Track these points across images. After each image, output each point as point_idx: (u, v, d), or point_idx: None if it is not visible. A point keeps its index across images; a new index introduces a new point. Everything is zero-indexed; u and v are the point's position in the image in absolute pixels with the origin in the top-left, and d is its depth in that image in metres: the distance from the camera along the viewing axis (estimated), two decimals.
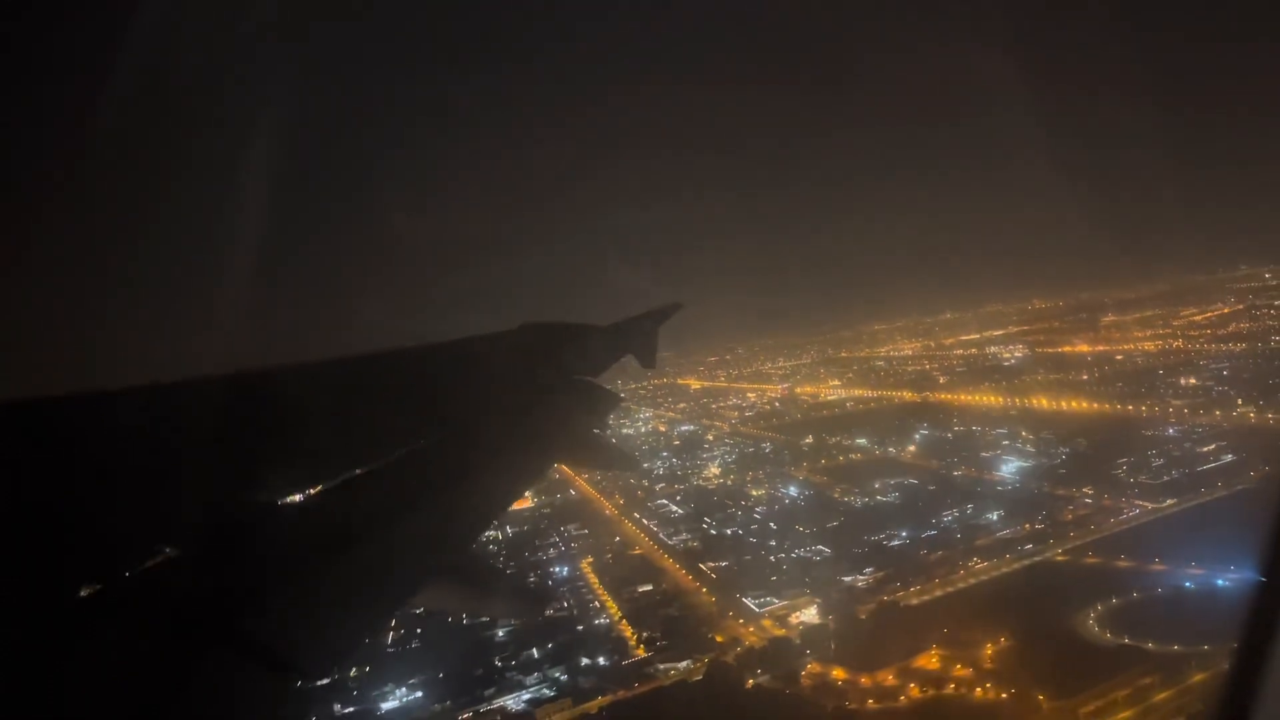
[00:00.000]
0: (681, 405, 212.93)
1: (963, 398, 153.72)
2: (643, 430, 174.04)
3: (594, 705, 51.26)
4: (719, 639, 58.13)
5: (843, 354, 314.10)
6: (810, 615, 59.33)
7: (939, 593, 60.76)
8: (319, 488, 3.98)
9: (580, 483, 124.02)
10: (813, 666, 51.01)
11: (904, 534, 73.90)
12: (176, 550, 3.11)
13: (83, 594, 2.71)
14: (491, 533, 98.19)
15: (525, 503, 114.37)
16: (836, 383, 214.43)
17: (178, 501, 3.33)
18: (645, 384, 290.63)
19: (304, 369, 5.10)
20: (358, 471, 4.26)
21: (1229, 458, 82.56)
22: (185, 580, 2.98)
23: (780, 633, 57.36)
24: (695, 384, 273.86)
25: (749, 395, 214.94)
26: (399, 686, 57.26)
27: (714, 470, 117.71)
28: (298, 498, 3.89)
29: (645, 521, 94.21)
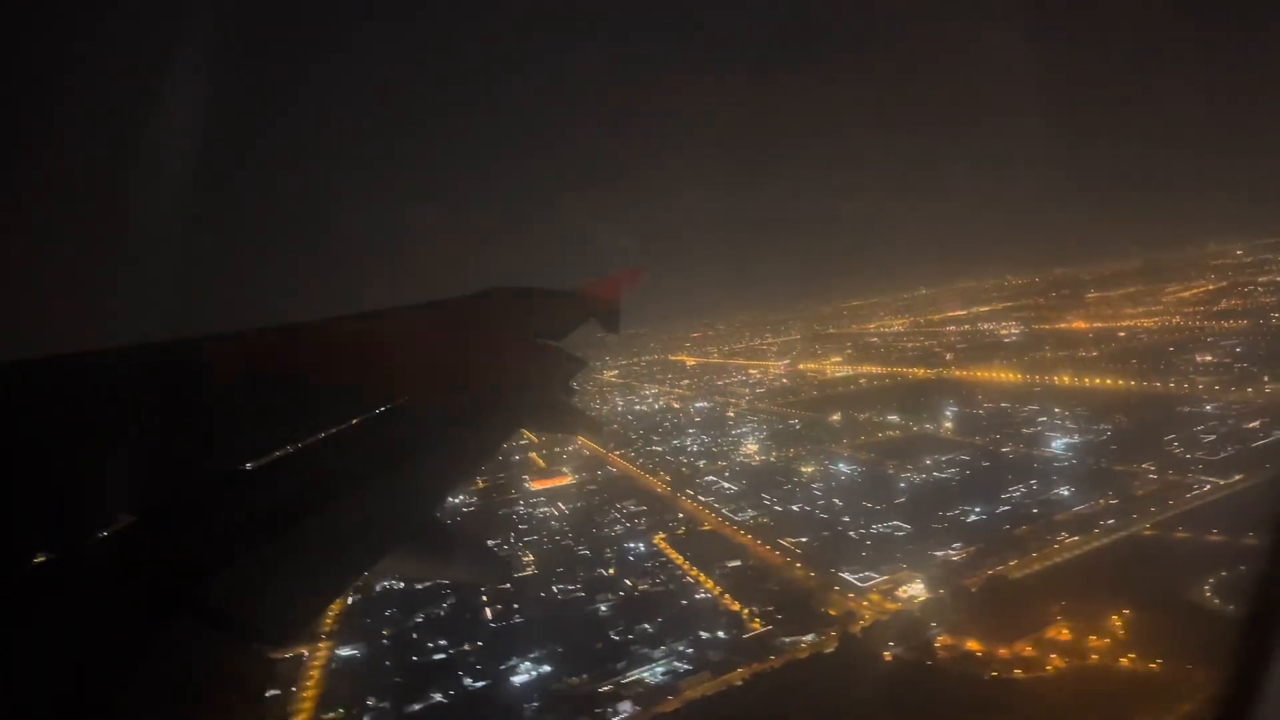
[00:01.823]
0: (685, 382, 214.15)
1: (978, 374, 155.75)
2: (656, 407, 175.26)
3: (735, 677, 52.49)
4: (832, 613, 59.66)
5: (830, 330, 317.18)
6: (917, 589, 60.82)
7: (1037, 566, 62.45)
8: (279, 453, 4.01)
9: (617, 459, 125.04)
10: (943, 639, 52.79)
11: (977, 510, 75.71)
12: (135, 517, 3.16)
13: (37, 562, 2.75)
14: (548, 509, 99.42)
15: (565, 479, 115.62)
16: (838, 359, 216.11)
17: (136, 468, 3.31)
18: (639, 360, 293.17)
19: (263, 334, 5.13)
20: (319, 437, 4.33)
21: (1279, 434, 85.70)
22: (144, 548, 3.03)
23: (893, 606, 59.02)
24: (690, 360, 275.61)
25: (751, 372, 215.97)
26: (522, 660, 58.41)
27: (752, 447, 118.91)
28: (258, 464, 3.88)
29: (702, 498, 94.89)
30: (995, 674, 47.92)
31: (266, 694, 3.00)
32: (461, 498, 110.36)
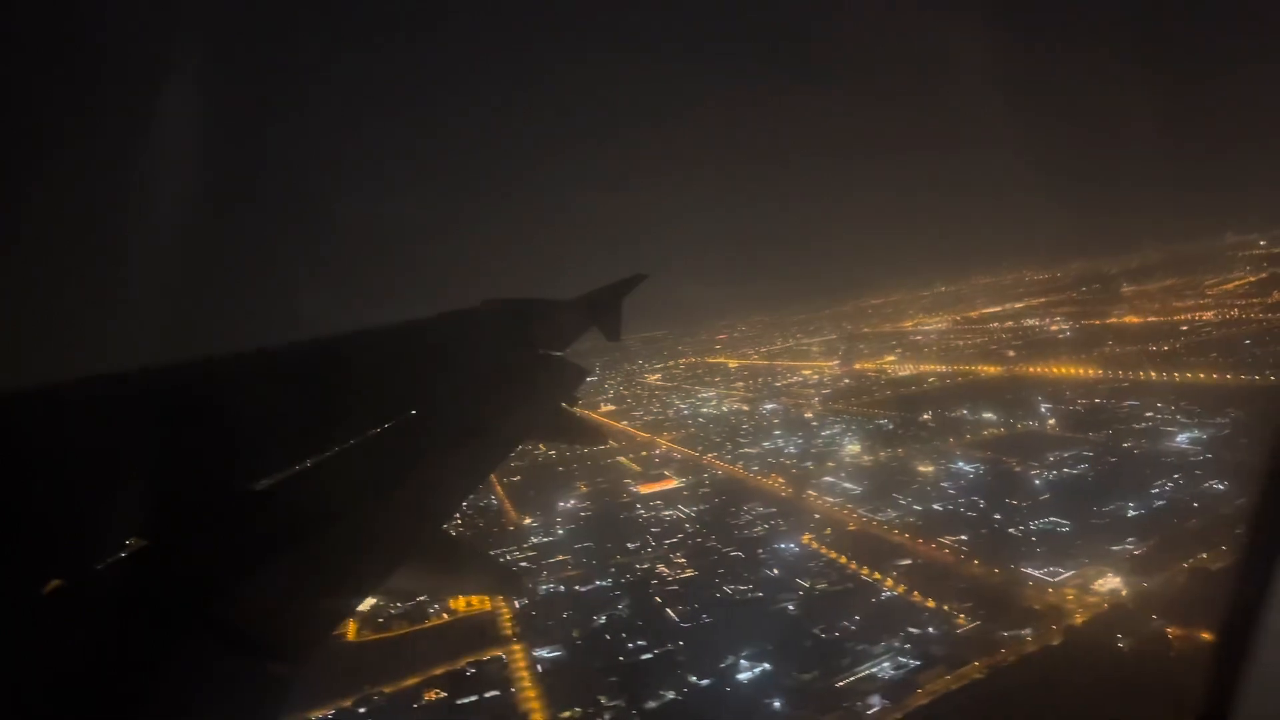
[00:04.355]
0: (738, 384, 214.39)
1: (1052, 371, 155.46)
2: (724, 409, 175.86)
3: (971, 671, 53.45)
4: (1036, 607, 60.73)
5: (865, 329, 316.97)
6: (1114, 583, 61.76)
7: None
8: (287, 472, 4.09)
9: (715, 462, 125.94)
10: (1172, 630, 53.88)
11: (1132, 505, 76.61)
12: (146, 541, 3.21)
13: (49, 589, 2.75)
14: (671, 512, 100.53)
15: (672, 482, 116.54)
16: (891, 358, 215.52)
17: (147, 492, 3.35)
18: (675, 363, 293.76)
19: (268, 354, 5.21)
20: (327, 455, 4.41)
21: None
22: (156, 571, 3.05)
23: (1096, 600, 59.80)
24: (731, 362, 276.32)
25: (805, 372, 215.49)
26: (736, 658, 59.75)
27: (854, 447, 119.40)
28: (269, 483, 3.94)
29: (830, 499, 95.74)
30: None
31: (282, 710, 3.04)
32: (573, 502, 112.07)
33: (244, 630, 2.96)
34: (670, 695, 56.47)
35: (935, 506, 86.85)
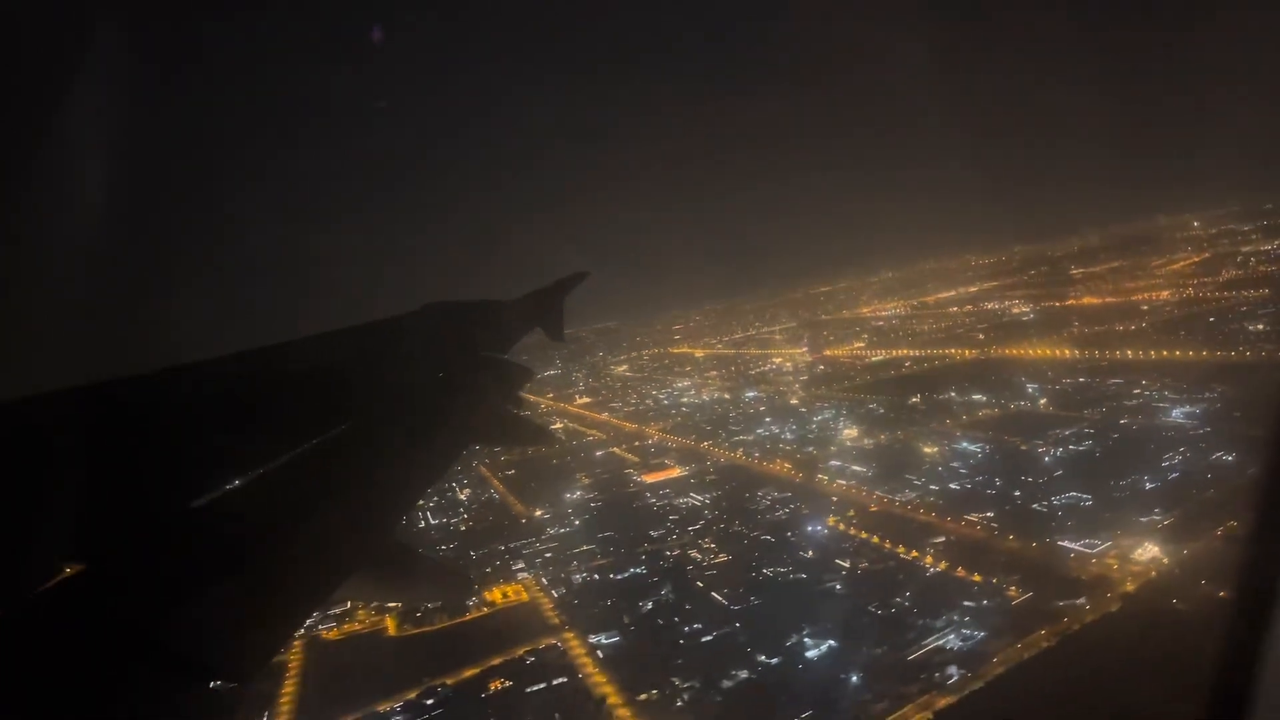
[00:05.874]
0: (711, 373, 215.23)
1: (1026, 352, 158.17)
2: (706, 399, 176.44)
3: (1039, 639, 54.96)
4: (1083, 578, 62.51)
5: (824, 316, 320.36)
6: (1153, 552, 63.80)
7: None
8: (227, 488, 4.00)
9: (712, 450, 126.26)
10: (1225, 594, 56.13)
11: (1148, 478, 79.12)
12: (81, 565, 3.11)
13: None
14: (686, 500, 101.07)
15: (676, 471, 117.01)
16: (860, 344, 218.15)
17: (80, 513, 3.25)
18: (639, 354, 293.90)
19: (204, 366, 5.08)
20: (266, 468, 4.30)
21: None
22: (93, 597, 2.97)
23: (1139, 569, 61.79)
24: (697, 352, 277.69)
25: (776, 360, 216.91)
26: (799, 637, 60.68)
27: (851, 432, 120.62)
28: (205, 500, 3.84)
29: (843, 482, 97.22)
30: None
31: None
32: (579, 493, 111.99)
33: (189, 654, 2.94)
34: (744, 674, 57.11)
35: (952, 486, 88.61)
